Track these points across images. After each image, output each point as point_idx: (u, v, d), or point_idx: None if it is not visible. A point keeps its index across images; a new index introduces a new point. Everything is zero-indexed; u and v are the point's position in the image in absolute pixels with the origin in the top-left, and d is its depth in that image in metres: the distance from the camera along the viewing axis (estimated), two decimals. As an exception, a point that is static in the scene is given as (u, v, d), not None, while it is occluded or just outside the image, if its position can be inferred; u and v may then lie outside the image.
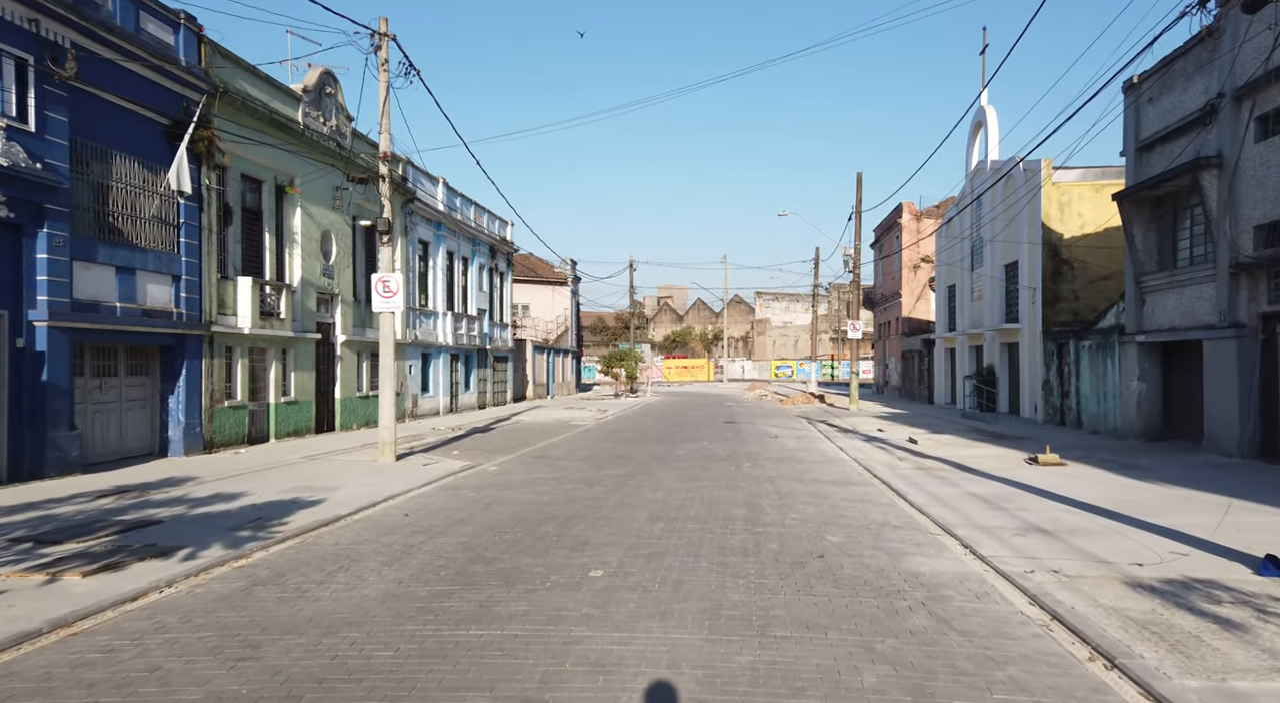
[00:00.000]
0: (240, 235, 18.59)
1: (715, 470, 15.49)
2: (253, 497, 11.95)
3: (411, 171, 27.99)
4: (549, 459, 17.39)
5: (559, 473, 15.15)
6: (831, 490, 13.04)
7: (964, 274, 34.67)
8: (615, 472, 15.28)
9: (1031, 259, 26.87)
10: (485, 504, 11.78)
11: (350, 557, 8.53)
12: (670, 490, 12.96)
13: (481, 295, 36.21)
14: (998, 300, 30.42)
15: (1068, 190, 25.95)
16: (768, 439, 22.04)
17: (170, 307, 16.05)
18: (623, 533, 9.65)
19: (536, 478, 14.49)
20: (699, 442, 21.27)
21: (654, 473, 15.12)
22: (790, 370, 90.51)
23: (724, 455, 18.05)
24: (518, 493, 12.80)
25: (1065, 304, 25.95)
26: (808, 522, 10.38)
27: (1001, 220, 29.22)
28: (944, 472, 15.06)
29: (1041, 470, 14.98)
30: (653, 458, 17.52)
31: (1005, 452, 18.10)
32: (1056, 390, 25.13)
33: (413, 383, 28.10)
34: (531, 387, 44.85)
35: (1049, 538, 9.17)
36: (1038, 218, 26.19)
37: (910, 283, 48.21)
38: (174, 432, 16.32)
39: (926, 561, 8.31)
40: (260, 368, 19.29)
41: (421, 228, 29.13)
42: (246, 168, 18.72)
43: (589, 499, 12.12)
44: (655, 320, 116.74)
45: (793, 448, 19.82)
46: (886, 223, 51.81)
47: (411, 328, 28.05)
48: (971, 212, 33.41)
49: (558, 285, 55.03)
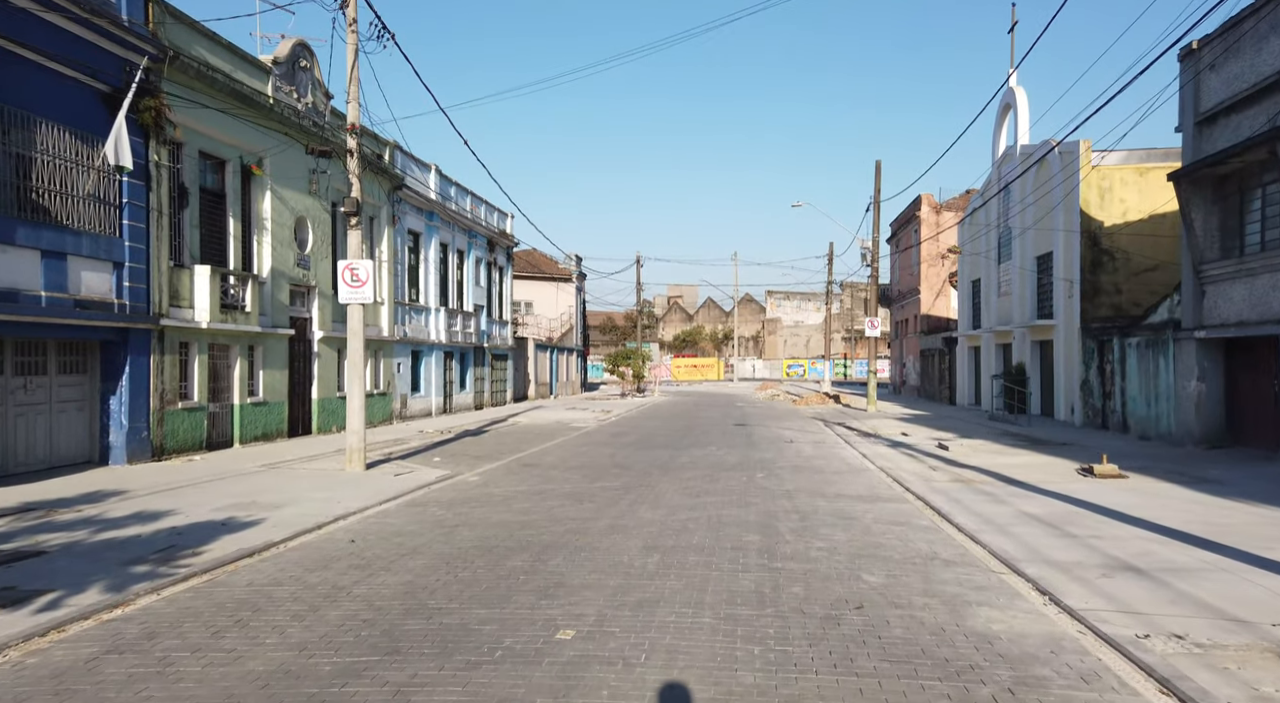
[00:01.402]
0: (199, 219, 16.80)
1: (724, 483, 13.59)
2: (179, 517, 10.14)
3: (400, 156, 26.18)
4: (538, 469, 15.53)
5: (546, 486, 13.28)
6: (860, 509, 11.12)
7: (990, 267, 32.61)
8: (610, 484, 13.40)
9: (1068, 249, 24.82)
10: (451, 527, 9.92)
11: (256, 606, 6.68)
12: (671, 509, 11.06)
13: (479, 290, 34.39)
14: (1028, 295, 28.37)
15: (1109, 174, 23.89)
16: (782, 445, 20.12)
17: (110, 296, 14.27)
18: (608, 569, 7.77)
19: (519, 492, 12.62)
20: (707, 448, 19.37)
21: (655, 486, 13.23)
22: (802, 370, 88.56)
23: (734, 464, 16.14)
24: (493, 512, 10.94)
25: (1106, 297, 23.90)
26: (837, 553, 8.47)
27: (1034, 208, 27.17)
28: (986, 485, 13.12)
29: (1100, 485, 13.00)
30: (655, 467, 15.63)
31: (1050, 460, 16.13)
32: (1097, 391, 23.09)
33: (401, 383, 26.30)
34: (533, 386, 43.03)
35: (1146, 581, 7.23)
36: (1075, 204, 24.15)
37: (929, 278, 46.15)
38: (116, 437, 14.53)
39: (999, 616, 6.39)
40: (223, 366, 17.50)
41: (411, 217, 27.33)
42: (206, 145, 16.93)
43: (575, 521, 10.25)
44: (665, 319, 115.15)
45: (810, 455, 17.90)
46: (904, 216, 49.76)
47: (400, 323, 26.24)
48: (999, 201, 31.35)
49: (562, 281, 53.20)
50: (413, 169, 27.49)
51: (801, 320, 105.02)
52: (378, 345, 24.58)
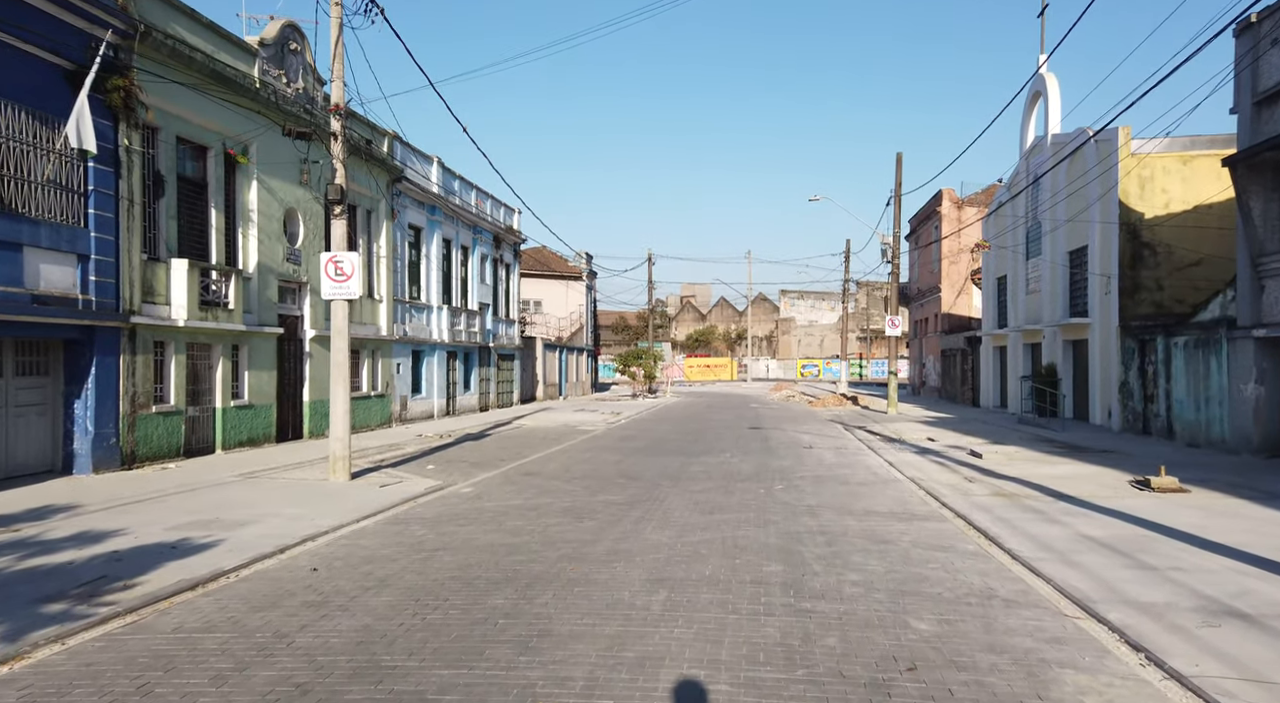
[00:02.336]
0: (176, 209, 15.69)
1: (740, 496, 12.33)
2: (125, 538, 8.99)
3: (399, 148, 25.04)
4: (538, 479, 14.33)
5: (544, 499, 12.07)
6: (894, 530, 9.84)
7: (1018, 264, 31.15)
8: (615, 498, 12.18)
9: (1105, 243, 23.39)
10: (430, 551, 8.72)
11: (173, 663, 5.48)
12: (681, 529, 9.82)
13: (484, 288, 33.24)
14: (1060, 292, 26.92)
15: (1149, 163, 22.45)
16: (801, 451, 18.83)
17: (74, 291, 13.16)
18: (605, 611, 6.54)
19: (513, 507, 11.42)
20: (720, 454, 18.11)
21: (663, 499, 11.99)
22: (816, 370, 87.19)
23: (750, 473, 14.88)
24: (481, 531, 9.73)
25: (1146, 294, 22.46)
26: (875, 589, 7.20)
27: (1066, 201, 25.73)
28: (1032, 500, 11.80)
29: (1161, 501, 11.66)
30: (664, 477, 14.39)
31: (1097, 471, 14.78)
32: (1138, 394, 21.66)
33: (401, 384, 25.17)
34: (542, 387, 41.87)
35: (1261, 632, 5.93)
36: (1113, 195, 22.71)
37: (950, 276, 44.66)
38: (80, 445, 13.43)
39: (1090, 684, 5.10)
40: (203, 367, 16.39)
41: (412, 211, 26.19)
42: (185, 130, 15.82)
43: (572, 543, 9.03)
44: (678, 319, 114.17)
45: (832, 463, 16.61)
46: (924, 212, 48.28)
47: (400, 322, 25.12)
48: (1027, 194, 29.90)
49: (572, 279, 52.02)
50: (413, 161, 26.35)
51: (815, 320, 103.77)
52: (375, 345, 23.46)
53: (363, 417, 22.60)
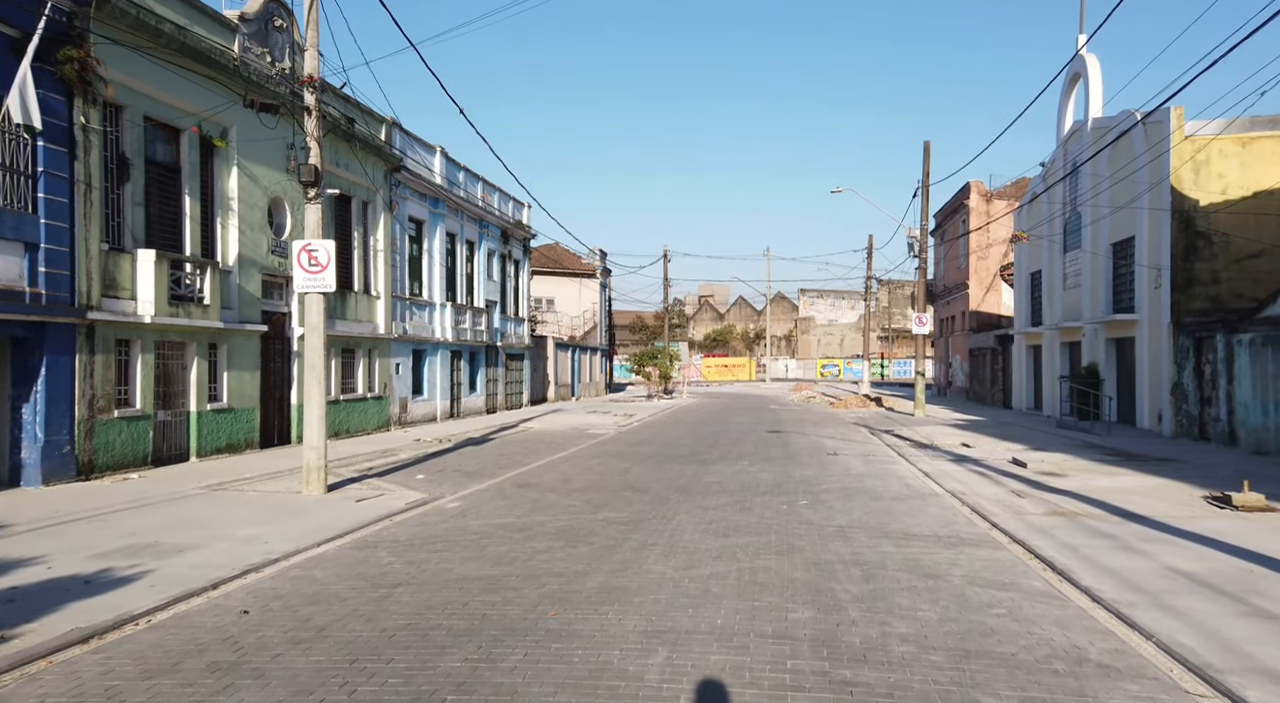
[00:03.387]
0: (144, 196, 14.42)
1: (759, 514, 10.86)
2: (37, 568, 7.66)
3: (399, 136, 23.74)
4: (535, 491, 12.91)
5: (537, 517, 10.65)
6: (942, 559, 8.33)
7: (1054, 257, 29.39)
8: (617, 516, 10.74)
9: (1154, 233, 21.66)
10: (389, 588, 7.32)
11: (-1, 763, 4.11)
12: (689, 558, 8.36)
13: (491, 285, 31.91)
14: (1102, 286, 25.18)
15: (1205, 146, 20.70)
16: (825, 458, 17.30)
17: (20, 283, 11.89)
18: (585, 682, 5.10)
19: (500, 527, 10.01)
20: (738, 462, 16.63)
21: (671, 518, 10.54)
22: (837, 370, 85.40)
23: (770, 486, 13.39)
24: (456, 560, 8.32)
25: (1201, 288, 20.72)
26: (930, 648, 5.71)
27: (1110, 189, 24.00)
28: (1096, 519, 10.23)
29: (1250, 523, 10.06)
30: (674, 490, 12.93)
31: (1161, 483, 13.16)
32: (1193, 396, 19.93)
33: (400, 385, 23.87)
34: (553, 388, 40.51)
35: None
36: (1165, 181, 20.98)
37: (978, 272, 42.86)
38: (29, 453, 12.16)
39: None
40: (176, 367, 15.12)
41: (413, 203, 24.88)
42: (154, 109, 14.56)
43: (558, 577, 7.60)
44: (696, 318, 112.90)
45: (860, 473, 15.08)
46: (951, 205, 46.47)
47: (399, 320, 23.82)
48: (1065, 184, 28.15)
49: (586, 277, 50.63)
50: (415, 151, 25.04)
51: (835, 319, 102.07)
52: (372, 343, 22.16)
53: (358, 420, 21.31)
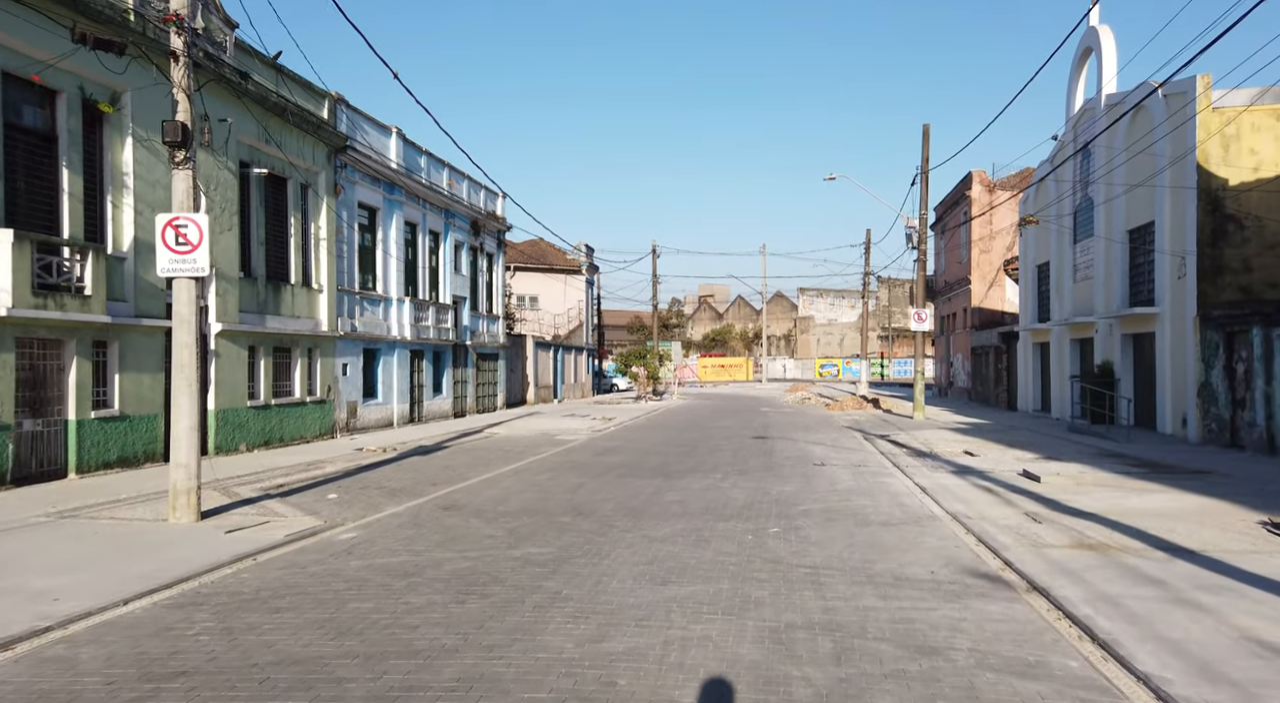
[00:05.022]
0: (2, 166, 12.31)
1: (716, 547, 8.73)
2: None
3: (345, 113, 21.62)
4: (459, 514, 10.79)
5: (439, 554, 8.53)
6: (942, 621, 6.20)
7: (1063, 247, 27.26)
8: (540, 551, 8.61)
9: (1177, 216, 19.53)
10: (158, 683, 5.19)
11: None
12: (606, 620, 6.24)
13: (459, 279, 29.77)
14: (1117, 277, 23.05)
15: (1235, 118, 18.57)
16: (810, 470, 15.18)
17: None
18: None
19: (385, 569, 7.88)
20: (710, 475, 14.51)
21: (605, 556, 8.42)
22: (836, 370, 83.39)
23: (739, 506, 11.27)
24: (290, 628, 6.20)
25: (1231, 277, 18.59)
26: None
27: (1125, 168, 21.88)
28: (1135, 555, 8.10)
29: (1335, 561, 7.93)
30: (624, 513, 10.81)
31: (1203, 503, 11.04)
32: (1223, 398, 17.79)
33: (349, 387, 21.73)
34: (533, 390, 38.40)
35: None
36: (1190, 157, 18.85)
37: (981, 266, 40.72)
38: None
39: None
40: (48, 368, 13.00)
41: (364, 188, 22.76)
42: (15, 64, 12.44)
43: (412, 660, 5.47)
44: (695, 318, 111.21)
45: (848, 489, 12.96)
46: (952, 197, 44.35)
47: (347, 316, 21.69)
48: (1074, 165, 26.03)
49: (570, 274, 48.50)
50: (366, 131, 22.92)
51: (835, 318, 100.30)
52: (313, 342, 20.04)
53: (294, 427, 19.19)
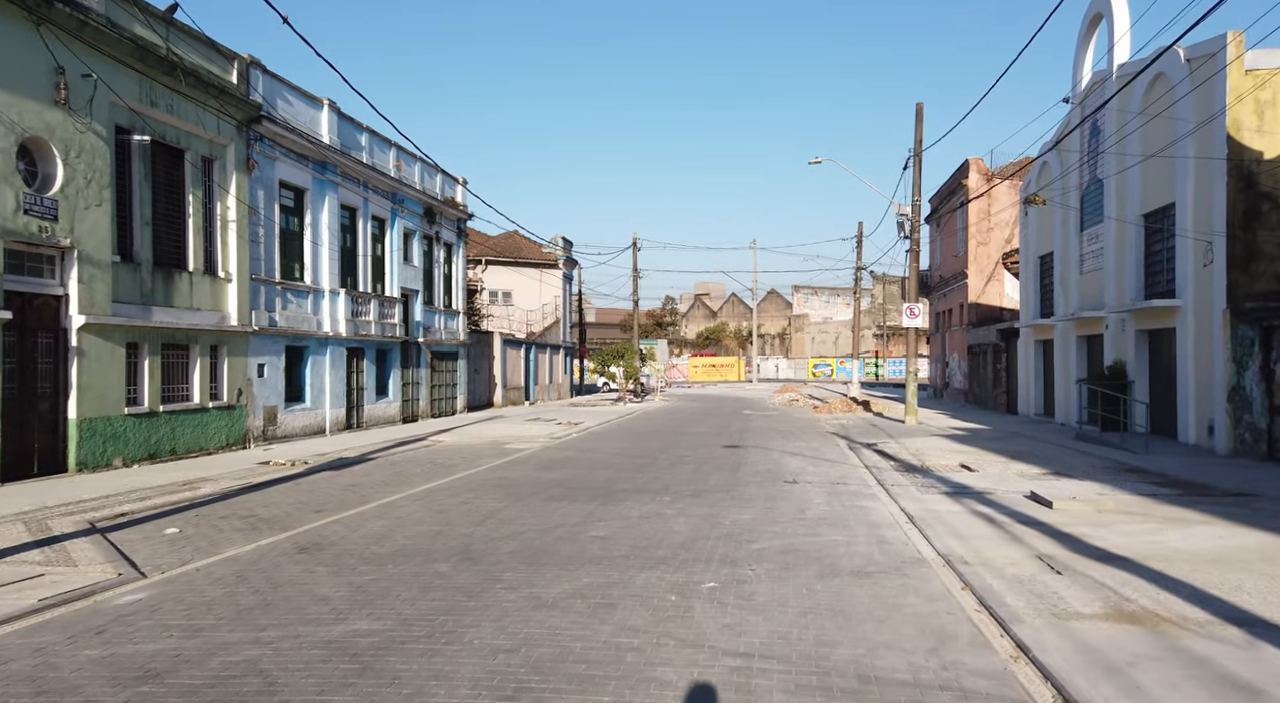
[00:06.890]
0: None
1: (619, 620, 6.30)
2: None
3: (262, 78, 19.10)
4: (308, 561, 8.34)
5: (227, 635, 6.08)
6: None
7: (1068, 236, 24.89)
8: (373, 626, 6.17)
9: (1202, 195, 17.15)
10: None
11: None
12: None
13: (410, 271, 27.28)
14: (1131, 267, 20.68)
15: (1270, 80, 16.19)
16: (779, 490, 12.75)
17: None
18: None
19: (118, 664, 5.43)
20: (657, 497, 12.08)
21: (459, 637, 5.98)
22: (830, 369, 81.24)
23: (676, 546, 8.84)
24: None
25: (1267, 264, 16.22)
26: None
27: (1141, 144, 19.49)
28: (1198, 633, 5.66)
29: None
30: (524, 558, 8.37)
31: (1263, 541, 8.65)
32: (1259, 404, 15.42)
33: (266, 390, 19.25)
34: (501, 391, 35.95)
35: None
36: (1218, 127, 16.47)
37: (979, 260, 38.38)
38: None
39: None
40: None
41: (287, 165, 20.26)
42: None
43: None
44: (688, 316, 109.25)
45: (818, 517, 10.54)
46: (947, 187, 42.02)
47: (265, 310, 19.21)
48: (1081, 145, 23.64)
49: (546, 268, 46.02)
50: (290, 100, 20.43)
51: (830, 316, 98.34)
52: (217, 339, 17.57)
53: (192, 437, 16.72)
